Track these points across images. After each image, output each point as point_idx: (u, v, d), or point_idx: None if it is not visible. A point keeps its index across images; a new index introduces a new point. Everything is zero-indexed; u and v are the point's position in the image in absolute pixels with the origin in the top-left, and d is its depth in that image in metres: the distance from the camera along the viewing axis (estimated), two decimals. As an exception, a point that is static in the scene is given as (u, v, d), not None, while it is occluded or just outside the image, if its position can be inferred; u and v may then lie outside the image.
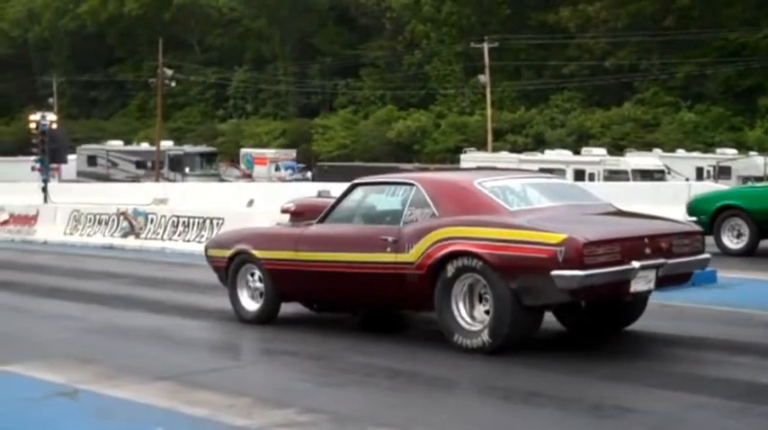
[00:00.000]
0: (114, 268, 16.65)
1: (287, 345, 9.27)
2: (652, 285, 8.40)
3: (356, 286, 9.16)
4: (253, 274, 10.02)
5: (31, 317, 11.57)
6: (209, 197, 32.28)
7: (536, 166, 41.76)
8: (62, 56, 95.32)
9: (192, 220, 18.98)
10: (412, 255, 8.57)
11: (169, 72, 63.23)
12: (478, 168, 13.13)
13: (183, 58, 78.78)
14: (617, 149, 52.30)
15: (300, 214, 11.04)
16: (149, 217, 20.05)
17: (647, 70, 63.31)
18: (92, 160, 57.84)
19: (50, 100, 77.04)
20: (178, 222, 19.27)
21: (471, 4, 71.39)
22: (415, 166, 51.05)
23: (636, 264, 8.05)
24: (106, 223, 20.91)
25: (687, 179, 36.01)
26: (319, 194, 16.56)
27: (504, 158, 47.09)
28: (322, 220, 9.61)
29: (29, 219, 23.03)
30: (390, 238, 8.75)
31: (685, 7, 62.17)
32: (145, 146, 62.73)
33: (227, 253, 10.24)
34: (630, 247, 8.13)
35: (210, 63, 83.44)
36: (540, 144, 59.20)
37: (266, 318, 10.03)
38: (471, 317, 8.41)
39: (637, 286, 8.21)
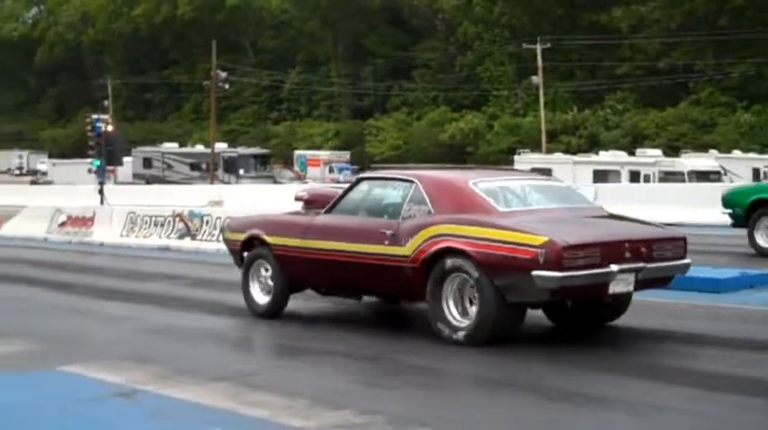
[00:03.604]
0: (170, 269, 16.78)
1: (340, 346, 9.28)
2: (631, 287, 8.82)
3: (357, 275, 9.71)
4: (267, 269, 10.62)
5: (89, 317, 11.69)
6: (264, 199, 32.42)
7: (590, 168, 41.59)
8: (117, 59, 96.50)
9: (247, 222, 19.00)
10: (408, 248, 9.10)
11: (223, 74, 63.68)
12: (477, 168, 13.35)
13: (236, 60, 79.34)
14: (672, 150, 51.73)
15: (313, 202, 11.30)
16: (205, 218, 20.10)
17: (701, 71, 62.61)
18: (147, 162, 58.46)
19: (105, 102, 77.98)
20: (234, 224, 19.29)
21: (522, 4, 71.09)
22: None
23: (615, 267, 8.51)
24: (162, 225, 21.03)
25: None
26: None
27: (559, 160, 46.79)
28: (329, 211, 10.18)
29: (86, 221, 23.26)
30: (389, 232, 9.28)
31: (739, 7, 61.39)
32: (199, 148, 63.26)
33: (242, 236, 10.96)
34: (610, 251, 8.56)
35: (263, 65, 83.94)
36: (594, 145, 58.78)
37: (275, 310, 10.64)
38: (460, 311, 8.88)
39: (616, 288, 8.64)
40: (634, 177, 39.99)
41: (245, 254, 10.95)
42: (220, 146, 60.34)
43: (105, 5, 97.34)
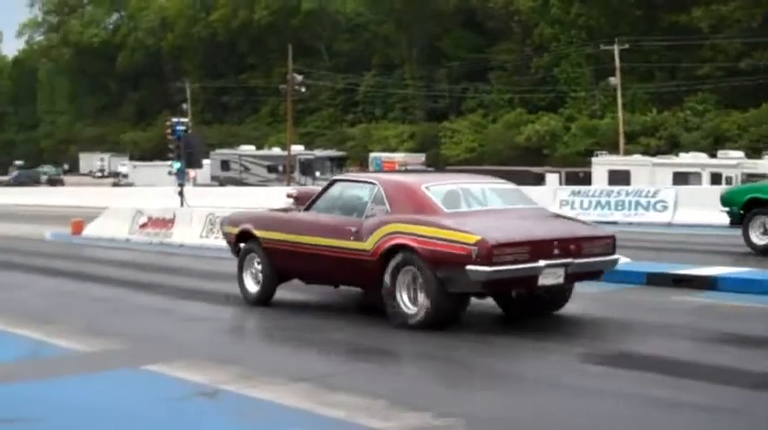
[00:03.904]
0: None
1: (419, 348, 9.35)
2: (561, 280, 9.90)
3: (329, 266, 10.98)
4: (257, 261, 11.91)
5: (172, 317, 11.89)
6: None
7: (670, 170, 40.98)
8: (195, 63, 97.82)
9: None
10: (368, 244, 10.28)
11: (299, 78, 64.20)
12: (433, 172, 15.44)
13: (311, 64, 79.90)
14: (754, 152, 50.75)
15: (300, 200, 12.85)
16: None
17: (784, 71, 61.31)
18: (225, 165, 59.12)
19: (184, 106, 79.11)
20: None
21: (600, 5, 70.35)
22: (545, 170, 50.64)
23: (542, 262, 9.60)
24: (240, 227, 21.22)
25: None
26: None
27: (637, 162, 46.21)
28: (308, 208, 11.54)
29: (166, 223, 23.59)
30: (354, 229, 10.50)
31: (822, 6, 60.08)
32: (276, 150, 63.79)
33: (235, 230, 12.36)
34: (539, 248, 9.66)
35: (339, 68, 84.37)
36: (674, 147, 57.92)
37: (265, 298, 11.93)
38: (411, 299, 10.00)
39: (545, 280, 9.75)
40: (715, 179, 39.31)
41: (240, 246, 12.29)
42: (297, 148, 60.77)
43: (183, 11, 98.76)
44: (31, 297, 14.26)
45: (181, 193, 28.34)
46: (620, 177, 41.23)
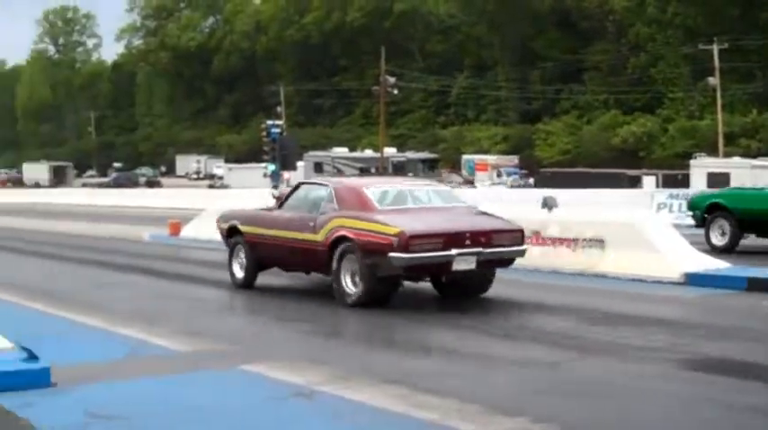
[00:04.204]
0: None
1: (516, 352, 9.30)
2: (473, 266, 11.69)
3: (294, 255, 13.09)
4: (242, 251, 14.15)
5: (267, 318, 12.05)
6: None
7: (770, 172, 39.92)
8: (288, 66, 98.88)
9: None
10: (320, 235, 12.30)
11: (391, 80, 64.35)
12: (378, 176, 19.17)
13: (404, 65, 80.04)
14: None
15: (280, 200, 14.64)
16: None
17: None
18: (318, 167, 59.47)
19: (278, 109, 79.88)
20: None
21: (697, 4, 69.03)
22: (641, 172, 49.86)
23: (454, 251, 11.44)
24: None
25: None
26: (545, 202, 16.42)
27: (736, 164, 45.20)
28: (280, 207, 13.78)
29: (261, 225, 23.78)
30: (311, 223, 12.58)
31: None
32: (369, 152, 63.99)
33: (226, 225, 14.58)
34: (452, 239, 11.51)
35: (431, 70, 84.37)
36: (774, 148, 56.56)
37: (248, 283, 14.17)
38: (352, 282, 11.88)
39: (458, 266, 11.58)
40: (816, 182, 38.16)
41: (230, 239, 14.45)
42: (389, 150, 60.91)
43: (277, 14, 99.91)
44: (132, 297, 14.56)
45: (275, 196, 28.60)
46: (719, 180, 40.34)
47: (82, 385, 8.07)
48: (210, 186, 72.44)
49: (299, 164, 53.58)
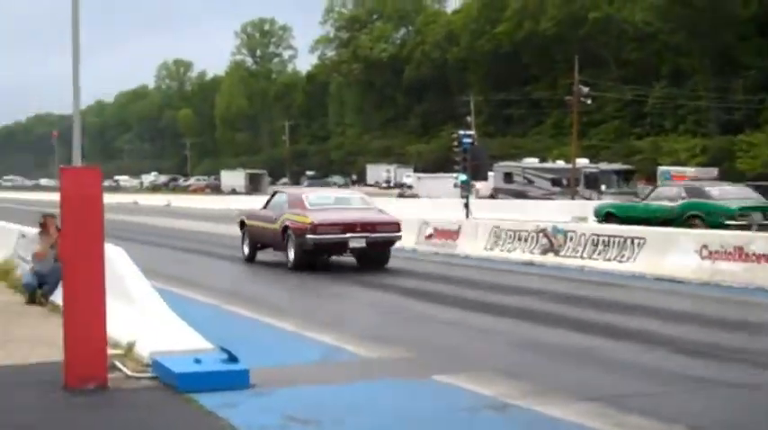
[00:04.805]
0: (534, 284, 16.84)
1: (716, 373, 8.87)
2: (364, 244, 18.56)
3: (267, 237, 20.24)
4: (246, 236, 21.38)
5: (458, 329, 11.96)
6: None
7: None
8: (479, 75, 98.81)
9: (612, 239, 18.58)
10: (278, 225, 19.34)
11: (585, 89, 63.29)
12: (322, 188, 34.98)
13: (598, 74, 78.59)
14: None
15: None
16: (569, 235, 19.90)
17: None
18: (508, 177, 59.09)
19: (468, 118, 79.88)
20: (598, 241, 18.95)
21: None
22: None
23: (348, 235, 18.37)
24: (525, 240, 21.09)
25: None
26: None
27: None
28: (264, 207, 21.06)
29: (451, 234, 23.83)
30: (275, 218, 19.65)
31: None
32: (560, 163, 63.11)
33: (239, 220, 21.97)
34: (348, 227, 18.40)
35: (626, 79, 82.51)
36: None
37: (251, 257, 21.15)
38: (292, 254, 18.94)
39: (353, 244, 18.49)
40: None
41: (241, 229, 21.69)
42: (581, 161, 59.88)
43: (469, 24, 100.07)
44: (324, 302, 14.79)
45: (466, 205, 28.54)
46: None
47: (279, 388, 8.21)
48: (400, 195, 73.09)
49: (489, 174, 53.40)
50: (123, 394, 7.99)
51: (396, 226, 19.07)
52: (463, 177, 28.92)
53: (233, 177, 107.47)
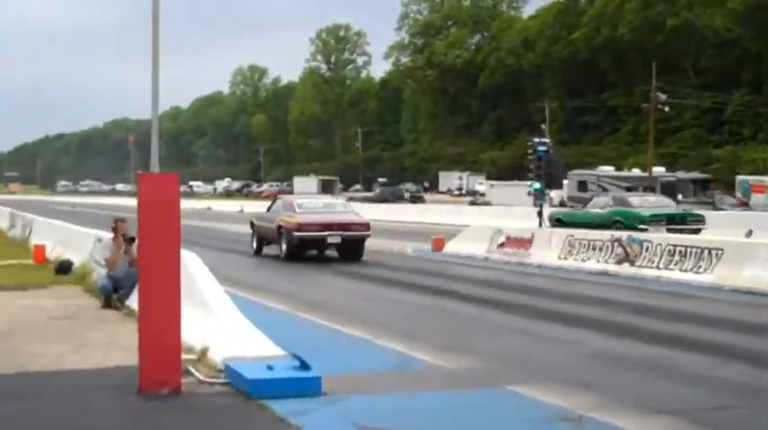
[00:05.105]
0: (608, 295, 16.62)
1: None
2: (339, 240, 23.05)
3: (269, 235, 24.67)
4: (254, 234, 26.12)
5: (531, 339, 11.85)
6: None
7: None
8: (554, 82, 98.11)
9: (689, 250, 18.25)
10: (274, 224, 23.90)
11: (662, 97, 62.44)
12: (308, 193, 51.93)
13: (675, 81, 77.47)
14: None
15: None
16: (644, 244, 19.59)
17: None
18: (582, 185, 58.48)
19: (542, 126, 79.34)
20: (675, 251, 18.62)
21: None
22: None
23: (326, 233, 22.93)
24: (600, 249, 20.83)
25: None
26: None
27: None
28: (267, 210, 25.84)
29: (524, 243, 23.64)
30: (274, 218, 24.34)
31: None
32: (636, 171, 62.34)
33: (250, 220, 26.85)
34: (326, 226, 23.00)
35: (705, 86, 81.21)
36: None
37: (258, 251, 25.45)
38: (284, 248, 23.62)
39: (331, 240, 23.10)
40: None
41: (252, 228, 26.36)
42: (658, 170, 59.04)
43: (545, 30, 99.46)
44: (396, 310, 14.78)
45: (540, 214, 28.29)
46: None
47: (351, 396, 8.20)
48: (472, 203, 72.77)
49: (564, 182, 52.90)
50: (197, 399, 8.06)
51: (366, 226, 23.86)
52: (537, 185, 28.65)
53: (305, 183, 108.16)
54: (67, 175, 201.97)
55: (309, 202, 25.16)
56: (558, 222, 29.35)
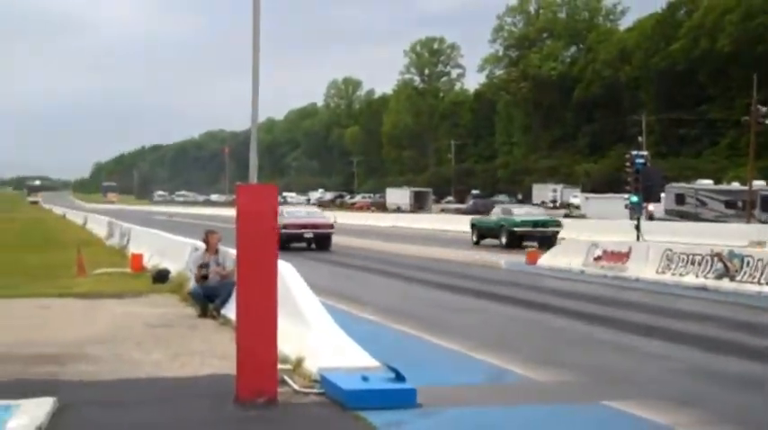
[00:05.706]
0: (707, 310, 16.31)
1: None
2: (312, 235, 34.35)
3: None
4: None
5: (630, 354, 11.65)
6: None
7: None
8: (651, 94, 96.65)
9: (792, 265, 17.84)
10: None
11: (763, 109, 61.05)
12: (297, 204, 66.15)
13: (776, 94, 75.61)
14: None
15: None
16: (746, 259, 19.14)
17: None
18: (679, 199, 57.48)
19: (639, 138, 78.18)
20: (776, 266, 18.22)
21: None
22: None
23: (302, 230, 34.30)
24: (699, 264, 20.42)
25: None
26: None
27: None
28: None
29: (621, 256, 23.29)
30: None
31: None
32: (735, 185, 61.05)
33: None
34: (301, 226, 34.41)
35: (807, 99, 79.08)
36: None
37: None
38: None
39: (306, 235, 34.28)
40: None
41: None
42: (759, 183, 57.75)
43: (643, 42, 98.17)
44: (489, 323, 14.70)
45: (638, 227, 27.83)
46: None
47: (447, 408, 8.16)
48: (566, 215, 72.03)
49: (661, 195, 52.02)
50: (293, 409, 8.11)
51: (330, 226, 35.05)
52: (634, 198, 28.15)
53: (398, 195, 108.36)
54: (163, 186, 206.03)
55: (293, 210, 37.57)
56: (473, 228, 39.05)
